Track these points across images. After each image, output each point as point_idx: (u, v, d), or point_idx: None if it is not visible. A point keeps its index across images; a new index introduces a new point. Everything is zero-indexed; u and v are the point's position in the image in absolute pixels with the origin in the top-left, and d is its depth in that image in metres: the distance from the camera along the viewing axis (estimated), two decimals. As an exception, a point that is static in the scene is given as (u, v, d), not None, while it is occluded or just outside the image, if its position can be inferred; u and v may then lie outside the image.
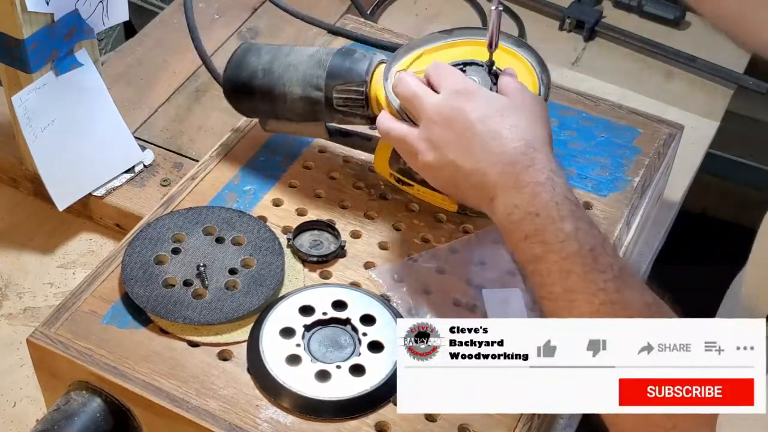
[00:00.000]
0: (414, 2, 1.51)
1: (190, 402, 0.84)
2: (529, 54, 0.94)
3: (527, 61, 0.93)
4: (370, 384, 0.85)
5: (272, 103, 1.00)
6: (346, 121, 0.99)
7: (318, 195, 1.04)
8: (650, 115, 1.15)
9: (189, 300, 0.90)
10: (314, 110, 0.98)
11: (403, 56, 0.95)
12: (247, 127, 1.10)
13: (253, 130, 1.09)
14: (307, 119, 0.99)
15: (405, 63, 0.94)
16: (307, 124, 1.01)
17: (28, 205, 1.20)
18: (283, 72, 0.98)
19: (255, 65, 0.99)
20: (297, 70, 0.97)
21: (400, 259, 0.97)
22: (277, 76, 0.98)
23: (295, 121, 1.01)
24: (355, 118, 0.98)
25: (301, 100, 0.97)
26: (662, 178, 1.12)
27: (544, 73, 0.92)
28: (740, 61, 1.45)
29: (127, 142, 1.18)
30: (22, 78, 1.05)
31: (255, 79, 0.99)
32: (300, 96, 0.97)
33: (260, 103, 1.01)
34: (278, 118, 1.01)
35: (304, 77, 0.97)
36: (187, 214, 0.98)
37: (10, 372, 1.02)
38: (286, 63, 0.98)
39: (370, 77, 0.95)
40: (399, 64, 0.94)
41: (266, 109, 1.01)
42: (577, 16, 1.47)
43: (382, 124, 0.90)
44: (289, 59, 0.98)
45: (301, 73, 0.97)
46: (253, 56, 1.00)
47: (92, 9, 1.06)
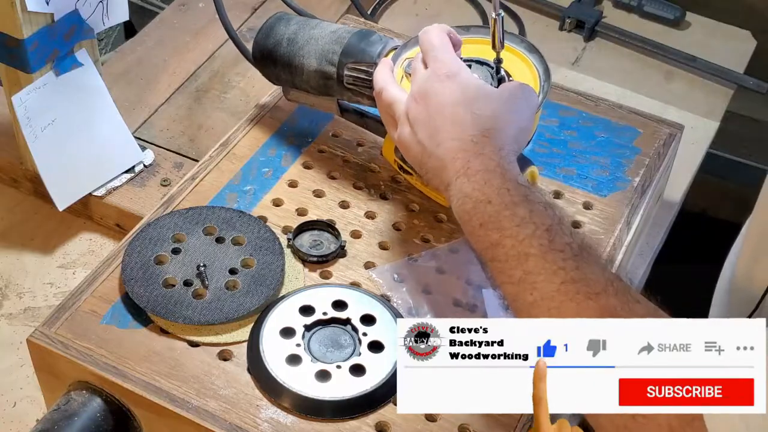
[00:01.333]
0: (414, 2, 1.51)
1: (190, 402, 0.84)
2: (538, 61, 0.95)
3: (534, 67, 0.94)
4: (370, 384, 0.85)
5: (291, 73, 1.02)
6: (354, 100, 1.01)
7: (318, 195, 1.04)
8: (650, 115, 1.15)
9: (189, 300, 0.90)
10: (327, 84, 1.00)
11: (414, 45, 0.96)
12: (246, 128, 1.10)
13: (253, 130, 1.09)
14: (321, 93, 1.02)
15: (415, 51, 0.95)
16: (321, 98, 1.03)
17: (28, 205, 1.20)
18: (305, 44, 1.01)
19: (282, 34, 1.03)
20: (317, 44, 1.00)
21: (400, 259, 0.97)
22: (298, 47, 1.01)
23: (311, 94, 1.03)
24: (362, 98, 0.99)
25: (316, 73, 1.00)
26: (662, 178, 1.12)
27: (546, 82, 0.93)
28: (740, 61, 1.45)
29: (127, 142, 1.18)
30: (22, 78, 1.05)
31: (279, 47, 1.02)
32: (315, 69, 1.00)
33: (282, 72, 1.04)
34: (297, 87, 1.04)
35: (321, 51, 0.99)
36: (187, 214, 0.98)
37: (10, 372, 1.02)
38: (308, 36, 1.01)
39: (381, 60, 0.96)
40: (409, 53, 0.95)
41: (287, 78, 1.04)
42: (577, 16, 1.47)
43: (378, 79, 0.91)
44: (313, 32, 1.01)
45: (320, 47, 1.00)
46: (283, 25, 1.04)
47: (92, 9, 1.07)
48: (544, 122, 1.09)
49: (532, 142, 0.98)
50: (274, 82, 1.08)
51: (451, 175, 0.81)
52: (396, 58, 0.95)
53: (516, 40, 0.96)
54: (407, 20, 1.46)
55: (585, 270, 0.73)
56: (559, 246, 0.75)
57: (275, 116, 1.12)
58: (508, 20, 1.46)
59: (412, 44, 0.96)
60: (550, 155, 1.08)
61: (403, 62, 0.94)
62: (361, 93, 0.99)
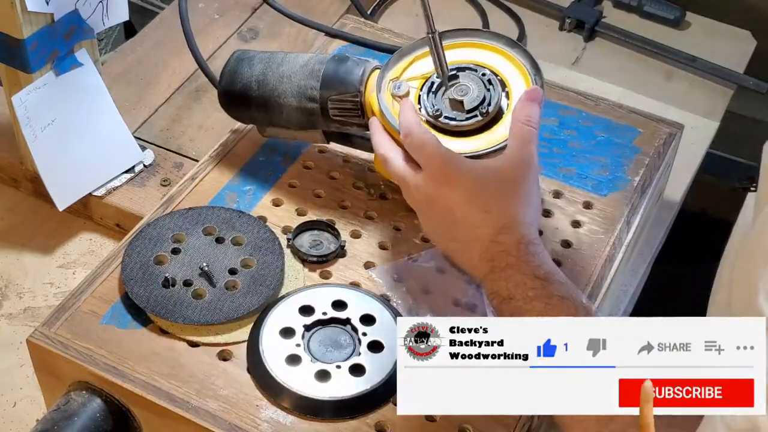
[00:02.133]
0: (414, 2, 1.51)
1: (190, 402, 0.84)
2: (522, 55, 0.92)
3: (520, 63, 0.92)
4: (370, 384, 0.85)
5: (269, 114, 1.00)
6: (343, 129, 0.99)
7: (318, 195, 1.04)
8: (650, 115, 1.15)
9: (189, 300, 0.90)
10: (310, 120, 0.98)
11: (396, 63, 0.94)
12: (246, 128, 1.10)
13: (252, 131, 1.09)
14: (305, 127, 1.00)
15: (398, 70, 0.94)
16: (305, 132, 1.01)
17: (28, 205, 1.20)
18: (277, 84, 0.97)
19: (249, 76, 0.99)
20: (291, 82, 0.97)
21: (400, 259, 0.97)
22: (271, 88, 0.98)
23: (292, 129, 1.01)
24: (351, 126, 0.98)
25: (297, 110, 0.97)
26: (662, 178, 1.12)
27: (537, 75, 0.91)
28: (740, 61, 1.45)
29: (127, 142, 1.18)
30: (22, 78, 1.05)
31: (250, 90, 0.99)
32: (296, 107, 0.97)
33: (256, 114, 1.01)
34: (275, 125, 1.02)
35: (298, 89, 0.96)
36: (187, 214, 0.98)
37: (10, 372, 1.02)
38: (279, 74, 0.98)
39: (364, 86, 0.95)
40: (392, 72, 0.94)
41: (263, 118, 1.01)
42: (577, 16, 1.47)
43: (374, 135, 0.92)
44: (282, 70, 0.98)
45: (296, 85, 0.97)
46: (246, 67, 1.00)
47: (92, 9, 1.07)
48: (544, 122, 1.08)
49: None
50: (246, 122, 1.06)
51: (479, 276, 0.85)
52: (380, 83, 0.92)
53: (494, 37, 0.94)
54: (407, 20, 1.46)
55: None
56: None
57: (275, 116, 1.11)
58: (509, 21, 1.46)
59: (393, 63, 0.94)
60: (550, 155, 1.08)
61: (389, 85, 0.92)
62: (349, 122, 0.97)
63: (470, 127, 0.90)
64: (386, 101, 0.92)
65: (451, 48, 0.93)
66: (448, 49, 0.92)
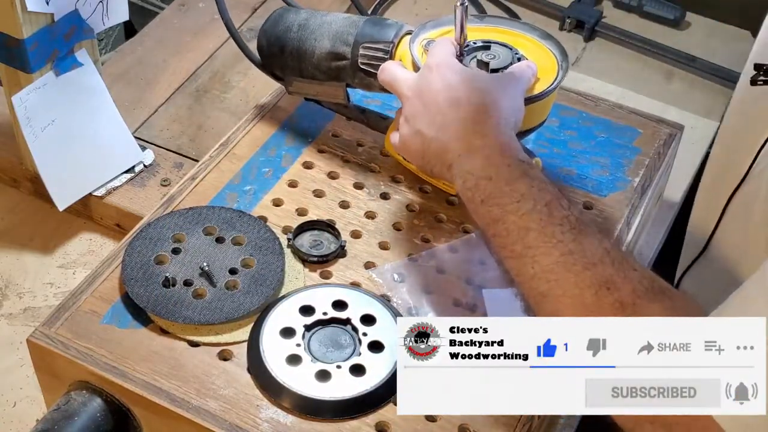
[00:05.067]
0: (414, 2, 1.51)
1: (190, 402, 0.84)
2: (554, 45, 0.97)
3: (550, 52, 0.96)
4: (370, 384, 0.85)
5: (300, 58, 1.03)
6: (366, 82, 1.01)
7: (318, 195, 1.04)
8: (650, 115, 1.15)
9: (189, 300, 0.90)
10: (338, 67, 1.01)
11: (433, 28, 0.98)
12: (247, 127, 1.10)
13: (253, 130, 1.09)
14: (331, 77, 1.02)
15: (433, 34, 0.97)
16: (329, 84, 1.03)
17: (28, 205, 1.20)
18: (317, 27, 1.02)
19: (292, 21, 1.04)
20: (330, 27, 1.01)
21: (400, 259, 0.97)
22: (310, 31, 1.02)
23: (318, 80, 1.03)
24: (375, 79, 0.99)
25: (329, 54, 1.00)
26: (662, 178, 1.12)
27: (564, 61, 0.95)
28: (740, 61, 1.45)
29: (127, 142, 1.18)
30: (22, 78, 1.05)
31: (290, 32, 1.03)
32: (328, 50, 1.00)
33: (289, 59, 1.04)
34: (303, 75, 1.04)
35: (336, 33, 1.00)
36: (187, 214, 0.98)
37: (10, 372, 1.02)
38: (321, 21, 1.02)
39: (398, 41, 0.98)
40: (427, 34, 0.97)
41: (293, 66, 1.04)
42: (577, 16, 1.47)
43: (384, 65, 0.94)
44: (325, 18, 1.03)
45: (335, 30, 1.01)
46: (292, 14, 1.05)
47: (92, 9, 1.07)
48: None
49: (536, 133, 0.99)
50: (276, 74, 1.08)
51: (453, 156, 0.83)
52: (414, 39, 0.96)
53: (528, 28, 0.98)
54: (407, 20, 1.43)
55: (583, 242, 0.74)
56: (558, 220, 0.76)
57: (275, 116, 1.12)
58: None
59: (430, 27, 0.98)
60: (551, 155, 1.08)
61: (422, 41, 0.96)
62: (373, 74, 0.99)
63: None
64: (417, 52, 0.95)
65: (486, 31, 0.98)
66: (484, 32, 0.97)
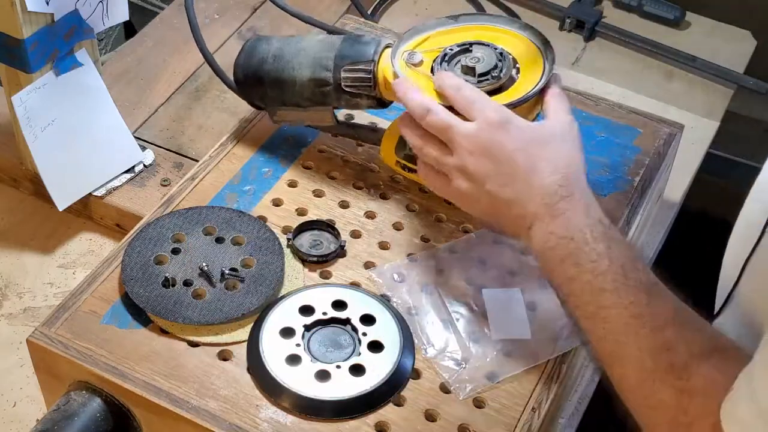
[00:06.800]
0: (414, 2, 1.51)
1: (190, 402, 0.84)
2: (534, 35, 0.95)
3: (532, 43, 0.95)
4: (370, 384, 0.85)
5: (281, 89, 1.01)
6: (352, 103, 1.00)
7: (318, 195, 1.04)
8: (650, 115, 1.15)
9: (189, 300, 0.90)
10: (322, 92, 0.99)
11: (411, 38, 0.96)
12: (247, 127, 1.10)
13: (253, 130, 1.09)
14: (316, 103, 1.01)
15: (412, 45, 0.96)
16: (315, 109, 1.02)
17: (28, 205, 1.20)
18: (293, 56, 1.00)
19: (265, 52, 1.02)
20: (307, 54, 0.99)
21: (400, 259, 0.97)
22: (286, 60, 1.00)
23: (303, 107, 1.02)
24: (361, 99, 0.99)
25: (310, 82, 0.99)
26: (662, 178, 1.12)
27: (549, 51, 0.93)
28: (740, 61, 1.45)
29: (127, 142, 1.18)
30: (22, 78, 1.05)
31: (265, 64, 1.01)
32: (309, 78, 0.99)
33: (269, 90, 1.02)
34: (287, 104, 1.02)
35: (314, 59, 0.99)
36: (187, 214, 0.98)
37: (10, 372, 1.02)
38: (296, 48, 1.01)
39: (378, 57, 0.97)
40: (405, 45, 0.96)
41: (275, 96, 1.02)
42: (577, 16, 1.47)
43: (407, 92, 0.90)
44: (299, 45, 1.01)
45: (312, 56, 0.99)
46: (264, 44, 1.03)
47: (92, 9, 1.07)
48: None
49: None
50: (257, 104, 1.07)
51: (536, 219, 0.83)
52: (395, 52, 0.95)
53: (508, 21, 0.97)
54: (407, 20, 1.46)
55: (653, 303, 0.76)
56: (633, 281, 0.77)
57: (275, 116, 1.11)
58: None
59: (408, 37, 0.96)
60: (550, 155, 1.08)
61: (403, 54, 0.94)
62: (359, 94, 0.98)
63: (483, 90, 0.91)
64: (400, 67, 0.93)
65: (464, 31, 0.96)
66: (461, 32, 0.96)
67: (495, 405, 0.86)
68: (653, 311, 0.75)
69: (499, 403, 0.86)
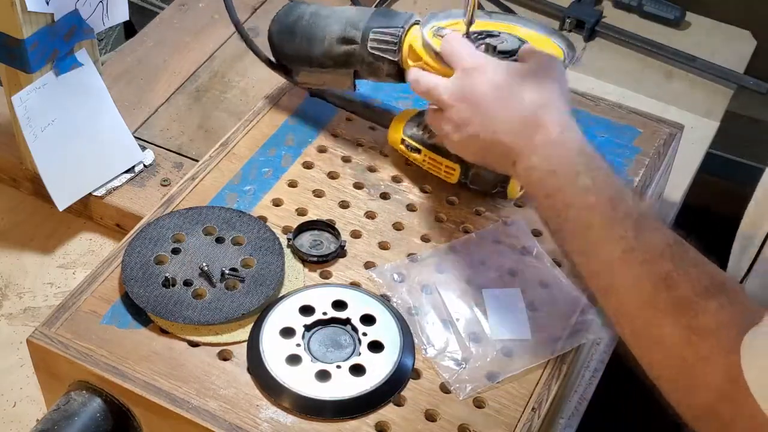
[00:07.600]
0: (414, 2, 1.51)
1: (190, 402, 0.84)
2: (559, 39, 0.98)
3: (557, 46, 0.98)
4: (370, 384, 0.85)
5: (310, 44, 1.05)
6: (374, 67, 1.02)
7: (318, 195, 1.04)
8: (650, 115, 1.15)
9: (189, 300, 0.90)
10: (347, 52, 1.02)
11: (444, 19, 0.99)
12: (247, 127, 1.10)
13: (253, 130, 1.09)
14: (339, 64, 1.04)
15: (443, 24, 0.98)
16: (337, 72, 1.05)
17: (28, 205, 1.20)
18: (328, 15, 1.05)
19: (303, 10, 1.07)
20: (342, 14, 1.04)
21: (400, 259, 0.97)
22: (323, 17, 1.05)
23: (326, 68, 1.05)
24: (383, 64, 1.01)
25: (339, 40, 1.02)
26: (662, 178, 1.12)
27: (570, 50, 0.97)
28: (740, 61, 1.45)
29: (127, 142, 1.18)
30: (22, 78, 1.05)
31: (301, 20, 1.06)
32: (338, 35, 1.02)
33: (299, 45, 1.06)
34: (312, 64, 1.06)
35: (347, 19, 1.03)
36: (187, 214, 0.98)
37: (10, 372, 1.02)
38: (332, 11, 1.05)
39: (407, 27, 1.00)
40: (437, 23, 0.98)
41: (303, 53, 1.06)
42: (577, 16, 1.47)
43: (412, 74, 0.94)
44: (336, 9, 1.06)
45: (346, 17, 1.04)
46: (303, 6, 1.08)
47: (92, 9, 1.07)
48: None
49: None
50: (284, 63, 1.09)
51: (516, 153, 0.84)
52: (425, 25, 0.97)
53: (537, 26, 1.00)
54: (407, 20, 1.46)
55: (644, 236, 0.75)
56: (621, 215, 0.76)
57: (275, 116, 1.12)
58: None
59: (441, 17, 0.99)
60: (550, 155, 1.08)
61: (433, 27, 0.97)
62: (382, 58, 1.00)
63: None
64: (428, 35, 0.96)
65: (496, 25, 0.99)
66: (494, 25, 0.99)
67: (495, 405, 0.86)
68: (645, 244, 0.74)
69: (499, 403, 0.86)
